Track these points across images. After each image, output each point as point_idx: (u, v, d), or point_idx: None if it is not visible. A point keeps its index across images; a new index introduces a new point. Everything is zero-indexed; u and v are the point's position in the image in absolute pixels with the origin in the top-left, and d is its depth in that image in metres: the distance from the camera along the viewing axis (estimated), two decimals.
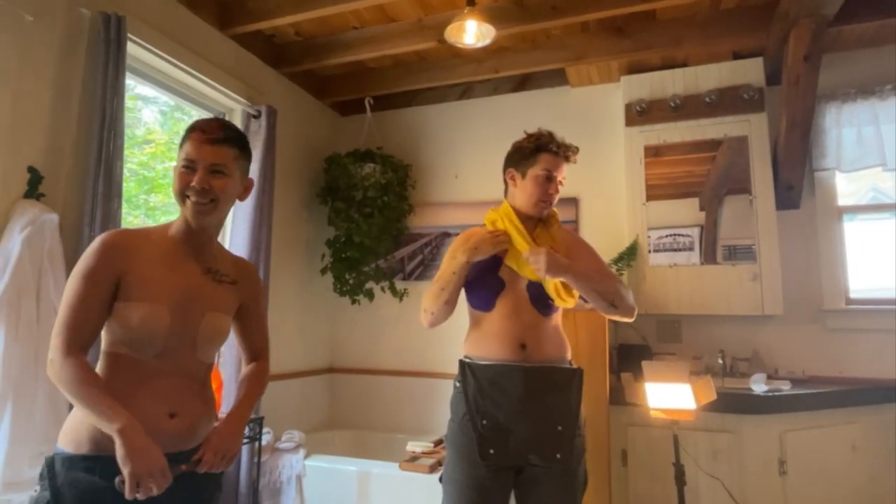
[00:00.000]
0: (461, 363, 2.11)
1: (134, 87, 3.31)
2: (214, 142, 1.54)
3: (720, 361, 3.58)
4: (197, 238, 1.61)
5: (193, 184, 1.52)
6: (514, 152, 2.21)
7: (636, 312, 2.12)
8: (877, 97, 3.58)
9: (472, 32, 3.27)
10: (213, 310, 1.60)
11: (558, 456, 1.94)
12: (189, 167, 1.53)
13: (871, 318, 3.61)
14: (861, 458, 3.25)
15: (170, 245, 1.58)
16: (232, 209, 3.66)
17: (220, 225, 1.69)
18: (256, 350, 1.85)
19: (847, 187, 3.83)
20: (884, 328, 3.57)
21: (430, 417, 4.29)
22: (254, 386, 1.79)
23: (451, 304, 2.12)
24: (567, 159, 2.15)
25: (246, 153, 1.65)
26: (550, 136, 2.15)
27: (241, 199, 1.69)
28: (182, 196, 1.54)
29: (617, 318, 2.10)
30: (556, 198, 2.17)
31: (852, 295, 3.71)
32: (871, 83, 3.63)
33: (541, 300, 2.08)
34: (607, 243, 3.92)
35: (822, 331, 3.69)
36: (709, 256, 3.68)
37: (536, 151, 2.13)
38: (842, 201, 3.80)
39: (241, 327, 1.81)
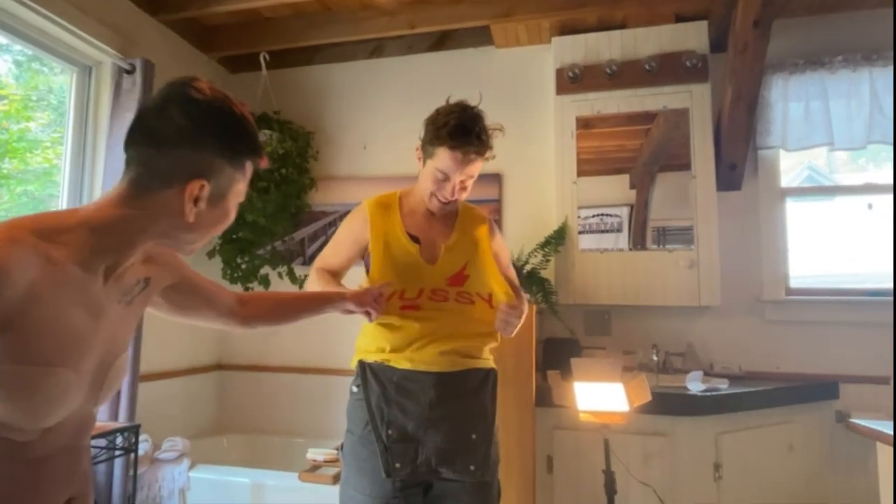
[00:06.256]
0: (361, 364, 1.96)
1: None
2: None
3: (654, 358, 3.54)
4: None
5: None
6: (425, 125, 1.99)
7: None
8: (826, 69, 3.57)
9: None
10: (123, 351, 1.22)
11: (472, 468, 1.86)
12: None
13: (810, 310, 3.66)
14: (797, 459, 3.32)
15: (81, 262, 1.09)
16: (101, 179, 3.49)
17: None
18: (227, 292, 1.59)
19: (781, 164, 3.83)
20: (822, 320, 3.63)
21: (332, 420, 4.10)
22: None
23: None
24: (470, 162, 1.91)
25: None
26: (457, 122, 1.88)
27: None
28: None
29: None
30: (462, 197, 1.99)
31: (792, 284, 3.76)
32: (820, 53, 3.62)
33: None
34: (533, 225, 3.88)
35: (760, 323, 3.72)
36: (638, 239, 3.65)
37: (437, 143, 1.91)
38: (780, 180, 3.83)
39: (191, 297, 1.47)
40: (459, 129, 1.87)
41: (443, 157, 1.91)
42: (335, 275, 2.13)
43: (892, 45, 3.42)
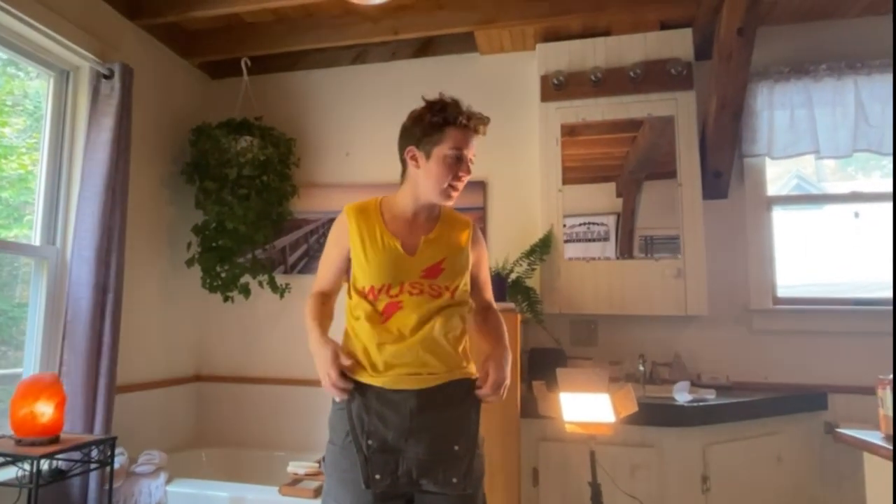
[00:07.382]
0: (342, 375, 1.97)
1: None
2: None
3: (641, 368, 3.51)
4: None
5: None
6: (413, 126, 2.04)
7: None
8: (811, 77, 3.59)
9: None
10: None
11: (454, 480, 1.83)
12: None
13: (798, 320, 3.65)
14: (786, 470, 3.31)
15: None
16: (77, 186, 3.45)
17: None
18: None
19: (769, 172, 3.83)
20: (810, 330, 3.62)
21: (313, 432, 4.08)
22: None
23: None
24: (477, 132, 2.01)
25: None
26: (457, 105, 2.00)
27: None
28: None
29: None
30: (466, 180, 2.04)
31: (779, 293, 3.75)
32: (805, 62, 3.64)
33: None
34: (518, 233, 3.87)
35: (747, 333, 3.71)
36: (625, 247, 3.63)
37: (443, 125, 1.97)
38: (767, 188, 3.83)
39: None
40: (457, 105, 2.01)
41: (454, 135, 1.98)
42: (330, 294, 2.14)
43: (892, 50, 3.44)
